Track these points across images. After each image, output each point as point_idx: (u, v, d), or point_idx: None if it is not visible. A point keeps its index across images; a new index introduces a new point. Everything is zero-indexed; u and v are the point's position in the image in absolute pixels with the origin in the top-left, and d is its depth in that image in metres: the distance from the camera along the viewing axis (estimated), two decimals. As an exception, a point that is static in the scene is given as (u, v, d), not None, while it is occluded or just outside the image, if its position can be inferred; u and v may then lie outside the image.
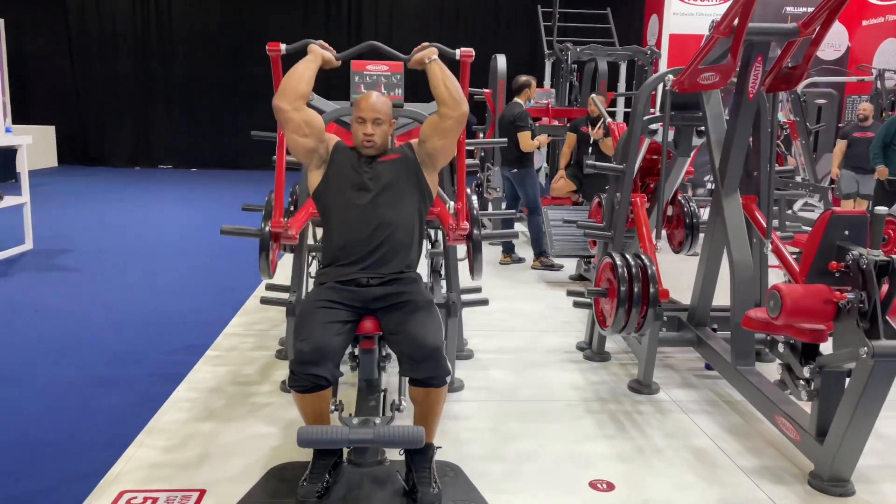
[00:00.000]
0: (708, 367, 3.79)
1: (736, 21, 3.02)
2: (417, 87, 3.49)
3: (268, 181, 2.94)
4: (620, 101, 9.51)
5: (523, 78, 6.22)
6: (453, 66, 2.81)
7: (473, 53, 2.95)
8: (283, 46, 2.91)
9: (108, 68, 15.31)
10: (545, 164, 9.54)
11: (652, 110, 4.88)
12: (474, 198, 3.36)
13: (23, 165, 6.78)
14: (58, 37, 15.28)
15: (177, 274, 5.94)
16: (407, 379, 2.47)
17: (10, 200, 6.63)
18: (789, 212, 7.74)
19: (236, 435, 2.94)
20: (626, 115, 8.05)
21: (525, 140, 5.97)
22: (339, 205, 2.62)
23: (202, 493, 2.48)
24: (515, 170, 6.19)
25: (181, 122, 15.23)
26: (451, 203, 3.05)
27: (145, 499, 2.44)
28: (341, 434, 2.20)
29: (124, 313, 4.72)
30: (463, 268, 3.51)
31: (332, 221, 2.64)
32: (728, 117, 3.54)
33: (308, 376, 2.34)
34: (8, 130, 6.83)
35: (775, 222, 6.96)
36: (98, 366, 3.77)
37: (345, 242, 2.58)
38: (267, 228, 3.10)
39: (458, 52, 2.92)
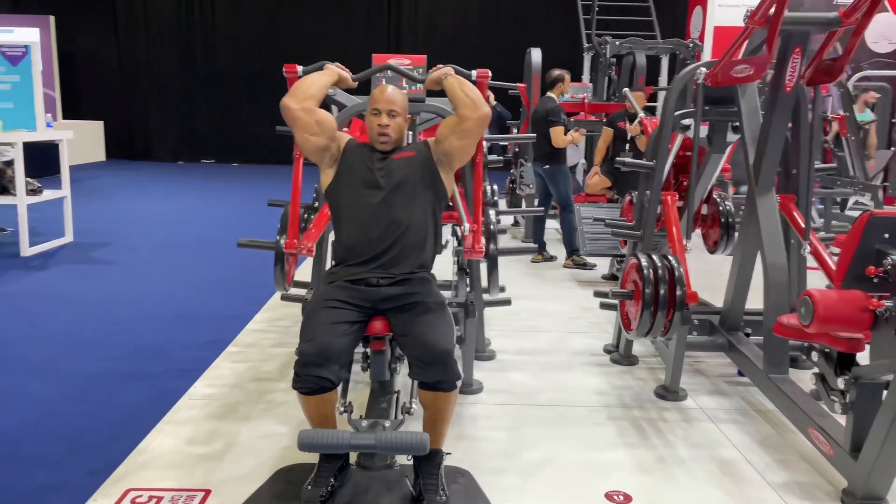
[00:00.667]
0: (740, 374, 3.63)
1: (772, 10, 2.86)
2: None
3: (308, 176, 2.90)
4: (661, 95, 9.27)
5: (556, 72, 6.08)
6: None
7: (490, 75, 2.87)
8: (299, 69, 2.87)
9: (154, 65, 15.62)
10: (583, 160, 9.36)
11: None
12: (492, 212, 3.26)
13: (63, 160, 6.92)
14: (106, 34, 15.63)
15: (208, 268, 5.98)
16: (416, 382, 2.40)
17: (50, 194, 6.78)
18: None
19: (248, 434, 2.91)
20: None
21: (557, 135, 5.84)
22: (350, 203, 2.56)
23: (207, 493, 2.45)
24: (547, 166, 6.05)
25: (224, 118, 15.43)
26: (467, 226, 2.96)
27: (150, 497, 2.42)
28: (343, 439, 2.13)
29: (152, 307, 4.76)
30: (484, 265, 3.43)
31: (342, 220, 2.58)
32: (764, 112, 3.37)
33: (312, 378, 2.28)
34: (49, 125, 6.96)
35: (822, 222, 6.71)
36: (121, 359, 3.79)
37: (355, 241, 2.51)
38: (281, 242, 3.06)
39: (474, 73, 2.83)
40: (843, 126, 7.81)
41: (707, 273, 4.44)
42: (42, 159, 8.23)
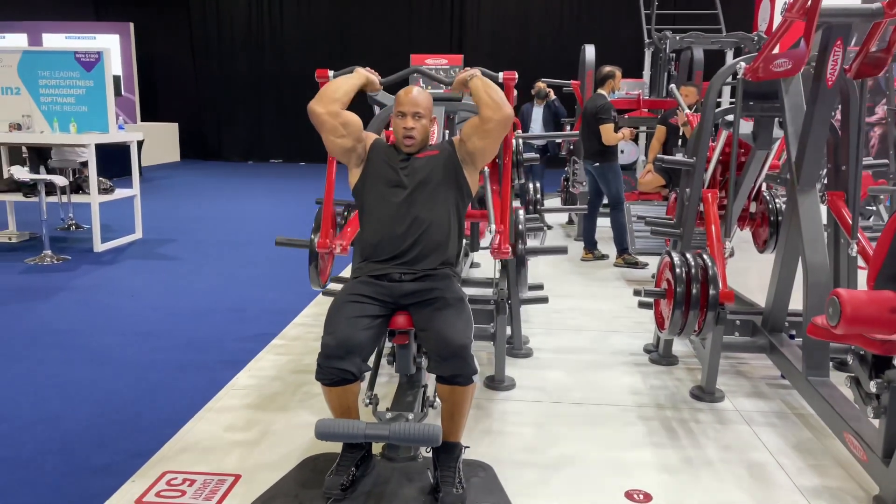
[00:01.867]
0: (784, 376, 3.53)
1: (809, 2, 2.78)
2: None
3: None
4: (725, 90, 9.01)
5: (607, 69, 6.01)
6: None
7: (516, 76, 2.91)
8: (330, 74, 2.97)
9: (226, 69, 16.22)
10: (643, 157, 9.21)
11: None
12: (521, 212, 3.28)
13: (133, 160, 7.28)
14: (182, 40, 16.33)
15: (265, 264, 6.18)
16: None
17: (122, 193, 7.15)
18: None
19: (282, 423, 3.03)
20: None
21: (607, 133, 5.77)
22: (375, 202, 2.63)
23: (237, 478, 2.57)
24: (597, 164, 5.99)
25: (291, 119, 15.87)
26: (493, 226, 2.99)
27: (184, 479, 2.55)
28: (358, 428, 2.20)
29: (209, 300, 4.98)
30: (533, 264, 3.42)
31: (367, 218, 2.66)
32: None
33: (334, 370, 2.37)
34: (121, 128, 7.34)
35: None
36: (175, 350, 3.99)
37: (379, 239, 2.59)
38: (315, 241, 3.17)
39: (500, 75, 2.87)
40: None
41: (761, 273, 4.33)
42: (118, 160, 8.70)
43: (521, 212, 3.35)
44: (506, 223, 2.99)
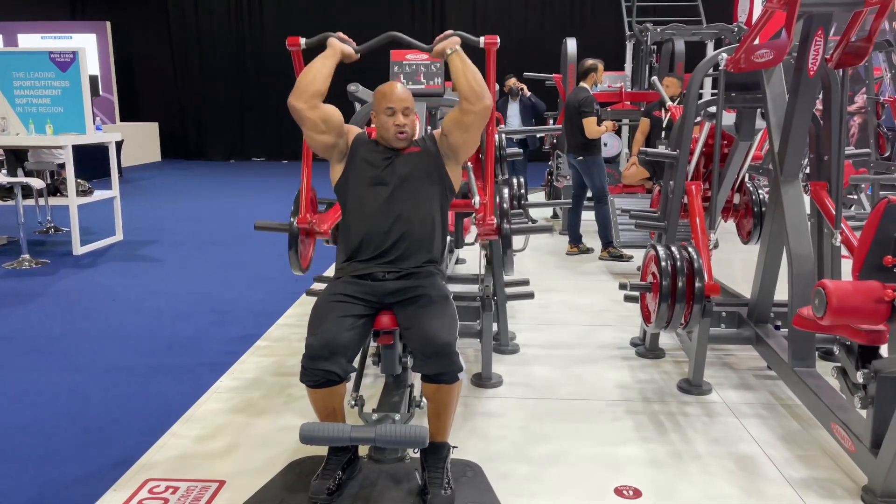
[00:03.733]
0: (771, 367, 3.53)
1: (790, -8, 2.77)
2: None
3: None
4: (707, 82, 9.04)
5: (589, 62, 5.98)
6: (478, 54, 2.72)
7: (498, 41, 2.81)
8: (302, 41, 2.88)
9: (206, 67, 16.06)
10: (626, 150, 9.22)
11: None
12: (505, 190, 3.24)
13: (112, 162, 7.17)
14: (160, 38, 16.14)
15: (249, 264, 6.12)
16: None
17: (101, 195, 7.05)
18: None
19: (267, 427, 2.99)
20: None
21: (590, 126, 5.75)
22: (357, 199, 2.59)
23: (221, 483, 2.53)
24: (581, 157, 5.96)
25: (273, 117, 15.73)
26: (477, 198, 2.95)
27: (167, 487, 2.50)
28: (343, 432, 2.17)
29: (192, 302, 4.91)
30: (519, 259, 3.37)
31: (350, 216, 2.61)
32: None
33: (318, 371, 2.33)
34: (98, 129, 7.23)
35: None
36: (156, 353, 3.92)
37: (362, 238, 2.54)
38: (294, 223, 3.11)
39: (481, 39, 2.79)
40: (897, 109, 7.45)
41: (746, 264, 4.33)
42: (97, 161, 8.58)
43: (506, 190, 3.30)
44: (490, 195, 2.94)
